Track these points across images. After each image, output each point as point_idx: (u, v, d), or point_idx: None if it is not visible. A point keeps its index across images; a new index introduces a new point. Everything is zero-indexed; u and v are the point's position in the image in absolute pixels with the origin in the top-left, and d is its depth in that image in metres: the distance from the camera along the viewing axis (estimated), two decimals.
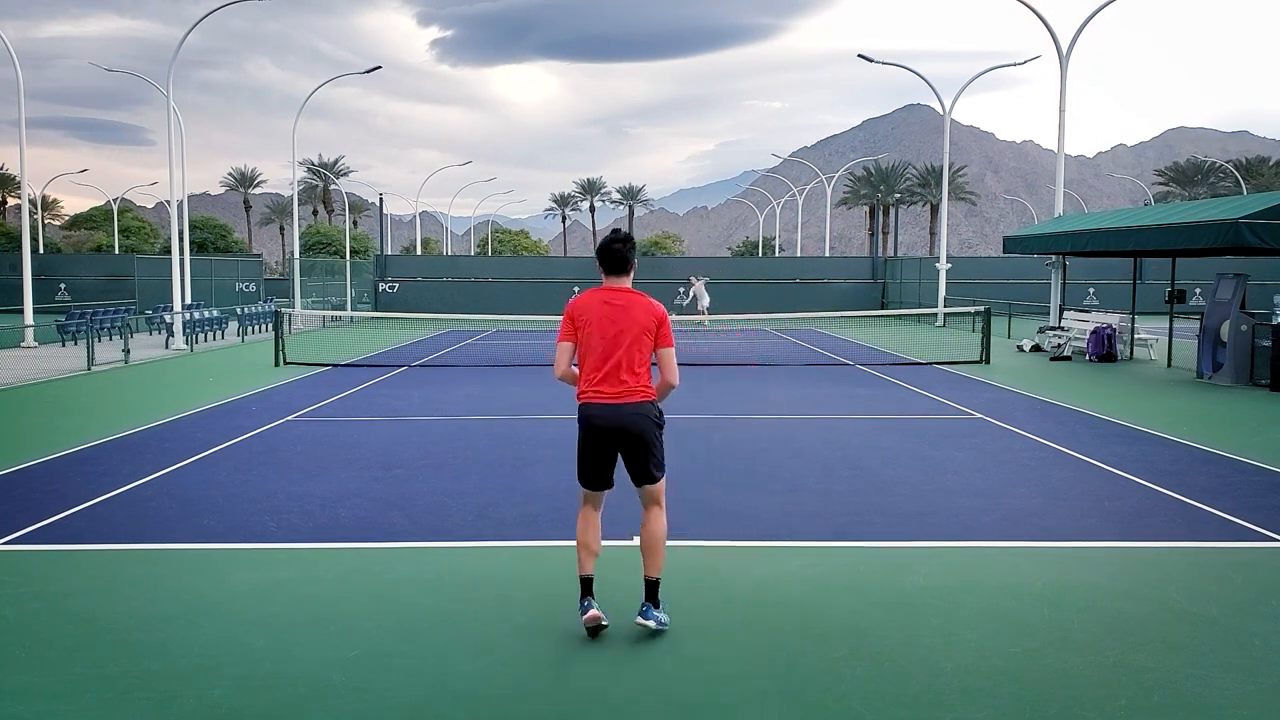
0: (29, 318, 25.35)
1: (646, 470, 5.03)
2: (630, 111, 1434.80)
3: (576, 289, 42.10)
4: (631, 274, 5.09)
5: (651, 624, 4.98)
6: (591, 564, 5.14)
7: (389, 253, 54.45)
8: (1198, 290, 29.79)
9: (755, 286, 43.22)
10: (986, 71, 36.36)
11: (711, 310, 34.71)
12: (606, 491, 5.16)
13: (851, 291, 42.93)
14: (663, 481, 5.12)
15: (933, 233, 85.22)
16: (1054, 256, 24.25)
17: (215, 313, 29.37)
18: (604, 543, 6.88)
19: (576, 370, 5.08)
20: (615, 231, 5.22)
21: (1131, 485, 8.76)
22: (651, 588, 5.06)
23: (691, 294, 36.56)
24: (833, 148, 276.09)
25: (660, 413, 5.09)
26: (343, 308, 41.00)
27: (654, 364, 5.06)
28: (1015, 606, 5.54)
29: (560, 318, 5.13)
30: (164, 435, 11.40)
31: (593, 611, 4.96)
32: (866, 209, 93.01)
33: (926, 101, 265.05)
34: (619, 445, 4.99)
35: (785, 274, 45.04)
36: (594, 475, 5.06)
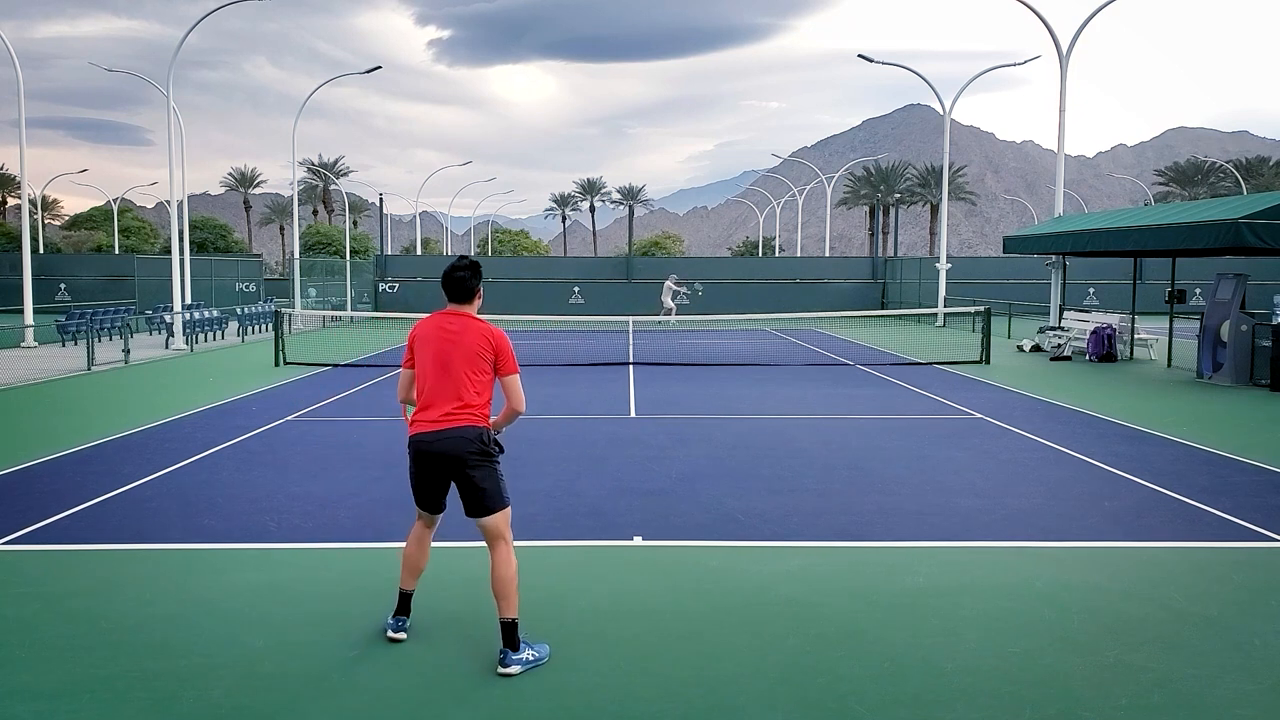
0: (29, 318, 25.35)
1: (477, 501, 4.79)
2: (630, 111, 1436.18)
3: (576, 289, 42.39)
4: (477, 302, 4.92)
5: (513, 670, 4.59)
6: (413, 582, 5.12)
7: (389, 253, 54.42)
8: (1198, 290, 29.78)
9: (755, 287, 43.23)
10: (986, 71, 36.38)
11: (678, 310, 34.96)
12: (440, 515, 5.07)
13: (851, 291, 42.94)
14: (499, 516, 4.78)
15: (933, 233, 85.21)
16: (1054, 256, 24.25)
17: (215, 313, 29.34)
18: (605, 543, 6.93)
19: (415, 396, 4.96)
20: (461, 257, 4.96)
21: (1131, 485, 8.76)
22: (508, 631, 4.66)
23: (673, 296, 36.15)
24: (833, 148, 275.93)
25: (491, 439, 4.82)
26: (343, 308, 40.99)
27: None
28: (1015, 606, 5.54)
29: (559, 318, 5.08)
30: (164, 435, 11.40)
31: (399, 634, 5.04)
32: (866, 209, 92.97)
33: (926, 101, 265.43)
34: (445, 472, 4.80)
35: (785, 274, 45.02)
36: (424, 498, 4.98)
